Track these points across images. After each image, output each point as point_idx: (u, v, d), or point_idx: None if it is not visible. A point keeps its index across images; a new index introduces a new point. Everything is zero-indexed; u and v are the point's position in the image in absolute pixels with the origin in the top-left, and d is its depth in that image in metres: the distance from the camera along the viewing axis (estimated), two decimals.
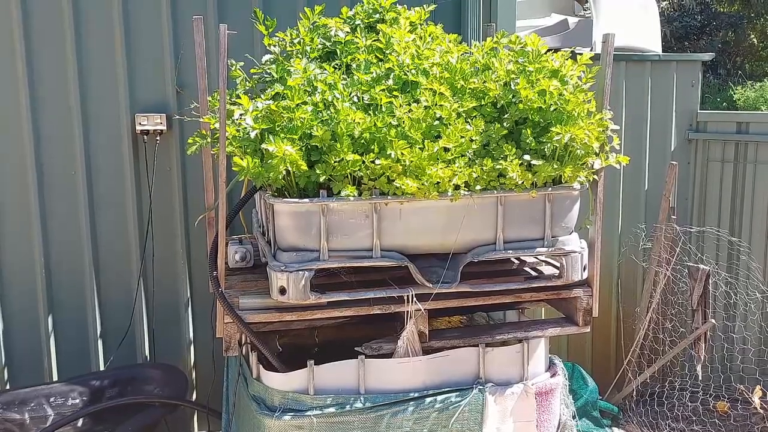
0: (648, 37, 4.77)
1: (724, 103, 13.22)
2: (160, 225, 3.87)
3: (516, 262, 3.00)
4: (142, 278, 3.87)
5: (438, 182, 2.43)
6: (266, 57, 3.00)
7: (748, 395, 3.86)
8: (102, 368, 3.87)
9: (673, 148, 4.64)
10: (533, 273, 2.89)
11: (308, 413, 2.53)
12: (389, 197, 2.46)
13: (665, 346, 4.36)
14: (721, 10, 17.89)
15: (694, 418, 4.33)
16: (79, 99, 3.70)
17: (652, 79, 4.54)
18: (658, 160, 4.61)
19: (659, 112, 4.59)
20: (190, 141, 2.80)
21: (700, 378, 4.08)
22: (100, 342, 3.88)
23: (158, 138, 3.79)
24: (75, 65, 3.67)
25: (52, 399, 3.32)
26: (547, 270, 2.89)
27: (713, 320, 4.01)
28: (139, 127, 3.75)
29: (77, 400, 3.34)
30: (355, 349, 2.65)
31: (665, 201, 4.30)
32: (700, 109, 4.64)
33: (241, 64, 2.99)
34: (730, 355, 4.51)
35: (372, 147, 2.46)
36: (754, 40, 18.21)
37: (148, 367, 3.77)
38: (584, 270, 2.72)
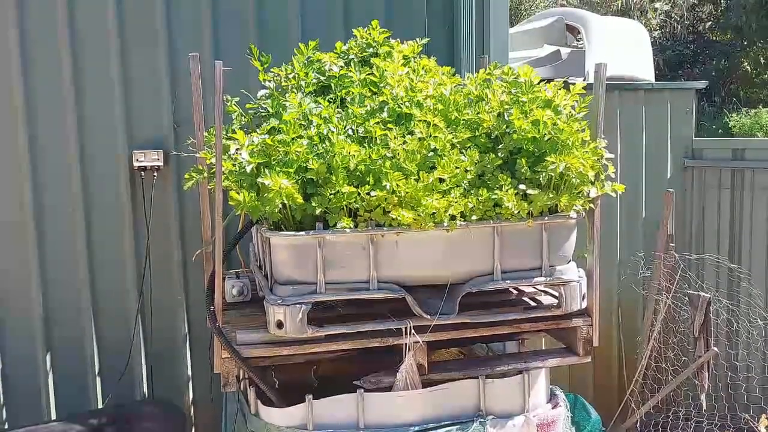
0: (640, 66, 4.82)
1: (720, 130, 13.30)
2: (158, 260, 3.86)
3: (514, 292, 2.98)
4: (140, 315, 3.85)
5: (434, 213, 2.43)
6: (261, 92, 3.03)
7: (754, 424, 3.81)
8: (100, 405, 3.84)
9: (669, 176, 4.65)
10: (532, 303, 2.87)
11: None
12: (385, 228, 2.46)
13: (668, 375, 4.32)
14: (714, 38, 18.11)
15: None
16: (76, 136, 3.72)
17: (646, 107, 4.57)
18: (654, 188, 4.63)
19: (654, 140, 4.62)
20: (186, 176, 2.81)
21: (704, 407, 4.04)
22: (98, 379, 3.85)
23: (155, 174, 3.80)
24: (73, 101, 3.70)
25: None
26: (546, 300, 2.87)
27: (715, 348, 3.98)
28: (136, 164, 3.77)
29: None
30: (354, 383, 2.62)
31: (663, 229, 4.30)
32: (695, 137, 4.67)
33: (237, 99, 3.01)
34: (734, 384, 4.47)
35: (367, 179, 2.46)
36: (748, 67, 18.38)
37: (146, 404, 3.74)
38: (583, 299, 2.70)
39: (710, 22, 17.96)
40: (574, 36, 5.58)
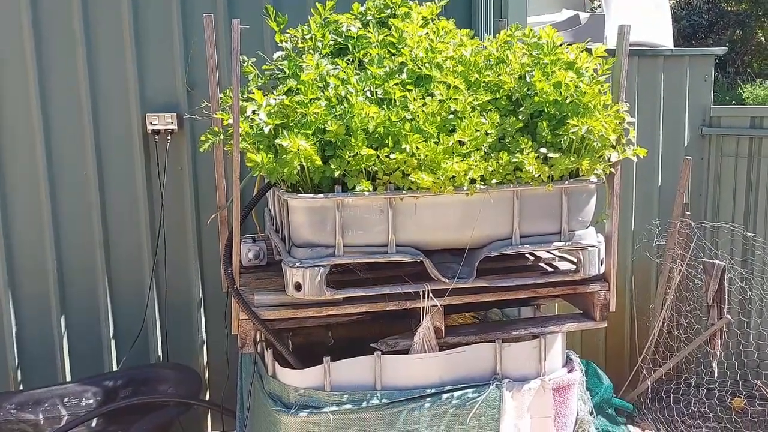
0: (660, 32, 4.74)
1: (733, 101, 13.17)
2: (172, 225, 3.87)
3: (531, 258, 2.97)
4: (155, 279, 3.86)
5: (453, 176, 2.41)
6: (278, 54, 2.99)
7: (766, 391, 3.82)
8: (115, 369, 3.87)
9: (686, 144, 4.60)
10: (549, 269, 2.86)
11: (324, 410, 2.51)
12: (404, 192, 2.44)
13: (680, 342, 4.32)
14: (729, 8, 17.82)
15: (710, 414, 4.29)
16: (89, 100, 3.70)
17: (665, 73, 4.51)
18: (671, 156, 4.58)
19: (672, 108, 4.56)
20: (202, 138, 2.79)
21: (715, 374, 4.05)
22: (113, 343, 3.88)
23: (169, 137, 3.79)
24: (85, 66, 3.67)
25: (66, 399, 3.31)
26: (563, 266, 2.86)
27: (729, 316, 3.97)
28: (150, 127, 3.75)
29: (91, 401, 3.33)
30: (371, 345, 2.63)
31: (679, 197, 4.27)
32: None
33: (253, 60, 2.98)
34: (746, 351, 4.47)
35: (386, 141, 2.44)
36: (762, 38, 18.13)
37: (161, 367, 3.77)
38: (601, 264, 2.69)
39: None
40: (591, 0, 5.49)
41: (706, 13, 17.77)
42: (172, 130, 3.77)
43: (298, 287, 2.45)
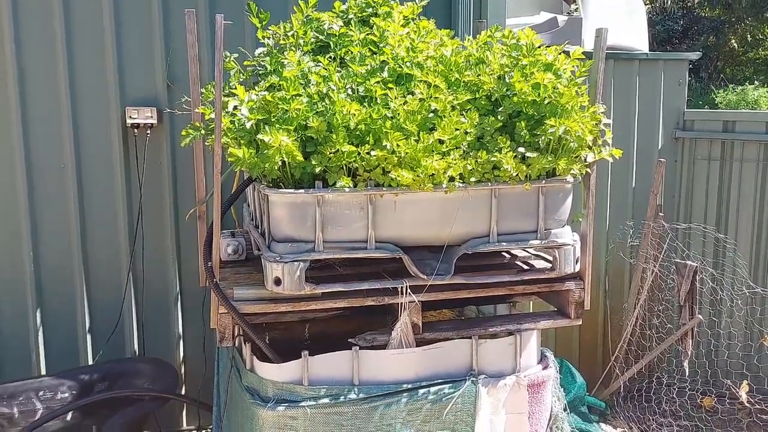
0: (635, 36, 4.82)
1: (707, 106, 13.38)
2: (150, 219, 3.85)
3: (507, 256, 3.02)
4: (132, 273, 3.84)
5: (433, 174, 2.45)
6: (259, 50, 3.00)
7: (735, 390, 3.90)
8: (91, 363, 3.84)
9: (660, 147, 4.69)
10: (525, 267, 2.91)
11: (302, 404, 2.54)
12: (384, 189, 2.47)
13: (652, 342, 4.40)
14: (703, 14, 18.10)
15: (681, 413, 4.37)
16: (68, 92, 3.67)
17: (640, 77, 4.59)
18: (645, 158, 4.66)
19: (647, 111, 4.64)
20: (183, 133, 2.79)
21: (687, 373, 4.13)
22: (89, 336, 3.86)
23: (149, 132, 3.77)
24: (64, 58, 3.64)
25: (41, 393, 3.28)
26: (539, 264, 2.91)
27: (700, 316, 4.05)
28: (129, 121, 3.73)
29: (66, 394, 3.31)
30: (349, 340, 2.65)
31: (653, 198, 4.35)
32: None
33: (235, 55, 2.98)
34: (717, 351, 4.56)
35: (367, 138, 2.47)
36: (735, 44, 18.45)
37: (137, 362, 3.76)
38: (576, 263, 2.74)
39: None
40: (569, 4, 5.56)
41: (680, 19, 18.04)
42: (152, 124, 3.76)
43: (277, 282, 2.47)
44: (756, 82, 14.32)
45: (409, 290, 2.57)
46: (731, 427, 4.30)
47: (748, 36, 18.05)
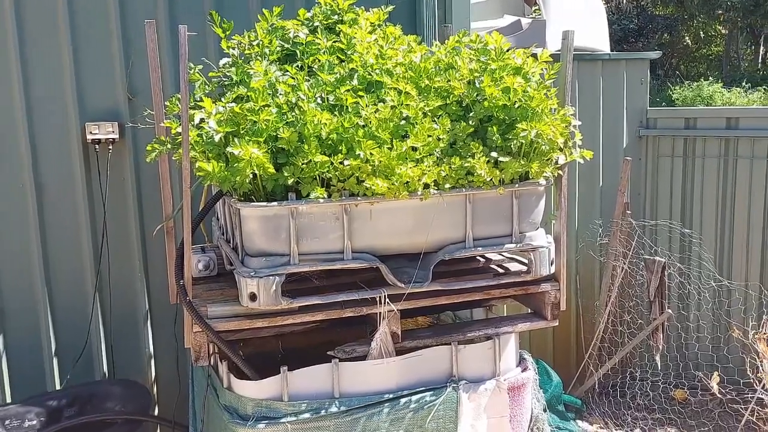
0: (597, 37, 4.88)
1: (663, 103, 13.66)
2: (115, 237, 3.75)
3: (482, 260, 3.01)
4: (98, 292, 3.74)
5: (407, 181, 2.43)
6: (224, 60, 2.94)
7: (707, 382, 3.96)
8: (58, 387, 3.73)
9: (625, 145, 4.75)
10: (500, 270, 2.91)
11: (283, 420, 2.49)
12: (359, 198, 2.44)
13: (624, 338, 4.45)
14: (657, 12, 18.49)
15: (655, 406, 4.43)
16: (24, 109, 3.55)
17: (604, 77, 4.64)
18: (611, 157, 4.72)
19: (611, 110, 4.70)
20: (149, 148, 2.72)
21: (659, 367, 4.18)
22: (55, 360, 3.74)
23: (110, 147, 3.68)
24: (18, 72, 3.53)
25: (7, 422, 3.17)
26: (513, 267, 2.91)
27: (670, 311, 4.11)
28: (89, 136, 3.63)
29: (34, 422, 3.20)
30: (328, 352, 2.62)
31: (620, 196, 4.40)
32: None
33: (200, 67, 2.92)
34: (687, 344, 4.63)
35: (340, 148, 2.43)
36: (689, 41, 18.89)
37: (107, 384, 3.65)
38: (551, 264, 2.75)
39: None
40: (530, 6, 5.60)
41: (635, 18, 18.41)
42: (114, 139, 3.67)
43: (253, 297, 2.42)
44: (710, 77, 14.67)
45: (387, 299, 2.54)
46: (704, 417, 4.37)
47: (701, 33, 18.50)
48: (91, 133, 3.64)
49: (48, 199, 3.66)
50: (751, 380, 3.93)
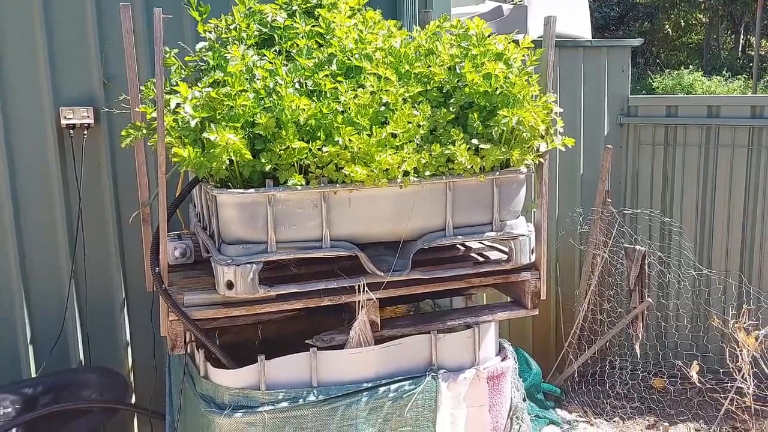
0: (579, 24, 4.86)
1: (644, 91, 13.72)
2: (91, 224, 3.69)
3: (462, 248, 3.00)
4: (74, 280, 3.68)
5: (387, 169, 2.40)
6: (201, 44, 2.88)
7: (687, 371, 3.99)
8: (34, 375, 3.67)
9: (606, 133, 4.74)
10: (480, 258, 2.89)
11: (260, 409, 2.46)
12: (338, 185, 2.41)
13: (604, 326, 4.46)
14: (638, 1, 18.54)
15: (634, 395, 4.45)
16: None
17: (585, 65, 4.63)
18: (592, 145, 4.71)
19: (592, 98, 4.69)
20: (123, 133, 2.67)
21: (638, 356, 4.20)
22: (30, 348, 3.67)
23: (85, 132, 3.60)
24: None
25: None
26: (493, 255, 2.90)
27: (649, 299, 4.12)
28: (64, 122, 3.55)
29: (9, 409, 3.15)
30: (306, 341, 2.59)
31: (601, 184, 4.40)
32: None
33: (176, 51, 2.87)
34: (666, 332, 4.66)
35: (318, 134, 2.40)
36: (669, 30, 18.97)
37: (83, 372, 3.60)
38: (532, 253, 2.73)
39: None
40: None
41: (616, 6, 18.44)
42: (89, 124, 3.59)
43: (230, 285, 2.39)
44: (690, 66, 14.75)
45: (366, 288, 2.51)
46: (683, 406, 4.40)
47: (682, 21, 18.57)
48: (65, 118, 3.56)
49: (22, 186, 3.58)
50: (731, 369, 3.96)
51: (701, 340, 4.61)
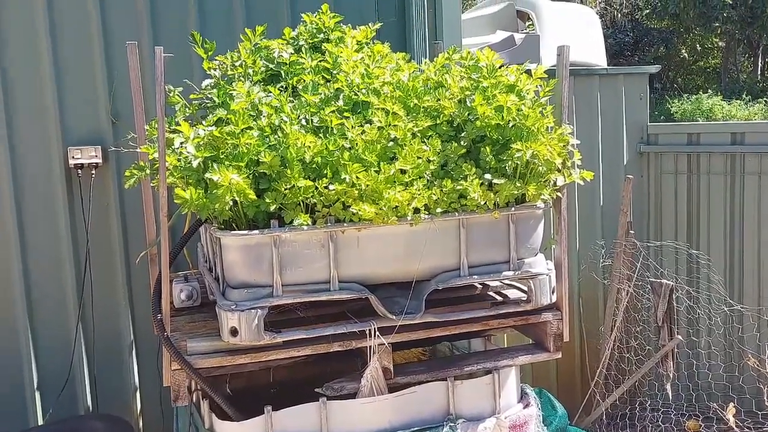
0: (593, 51, 4.77)
1: (662, 117, 13.56)
2: (99, 265, 3.62)
3: (479, 286, 2.86)
4: (81, 323, 3.60)
5: (396, 206, 2.29)
6: (206, 82, 2.82)
7: (722, 413, 3.78)
8: (40, 423, 3.57)
9: (625, 162, 4.61)
10: (498, 298, 2.76)
11: None
12: (345, 224, 2.30)
13: (632, 365, 4.27)
14: (652, 26, 18.46)
15: None
16: (5, 132, 3.45)
17: (601, 93, 4.52)
18: (611, 175, 4.58)
19: (610, 126, 4.57)
20: (127, 174, 2.60)
21: (669, 397, 4.00)
22: (37, 394, 3.59)
23: (93, 172, 3.56)
24: (1, 95, 3.42)
25: None
26: (513, 293, 2.76)
27: (679, 336, 3.94)
28: (72, 161, 3.52)
29: None
30: (316, 390, 2.46)
31: (623, 216, 4.25)
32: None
33: (180, 89, 2.80)
34: (698, 372, 4.45)
35: (325, 172, 2.30)
36: (685, 54, 18.83)
37: (91, 419, 3.51)
38: (552, 293, 2.59)
39: (648, 10, 18.30)
40: (524, 22, 5.50)
41: (630, 31, 18.38)
42: (97, 163, 3.55)
43: (234, 332, 2.28)
44: (709, 90, 14.57)
45: (377, 332, 2.39)
46: None
47: (698, 45, 18.43)
48: (73, 157, 3.53)
49: (29, 227, 3.53)
50: None
51: (736, 380, 4.39)
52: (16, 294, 3.52)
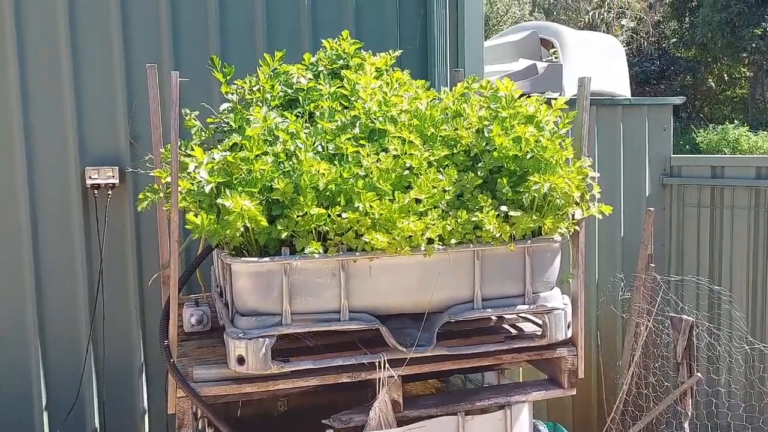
0: (617, 81, 4.72)
1: (687, 146, 13.42)
2: (112, 285, 3.61)
3: (494, 318, 2.80)
4: (92, 343, 3.58)
5: (410, 236, 2.25)
6: (224, 106, 2.82)
7: None
8: None
9: (648, 194, 4.53)
10: (513, 331, 2.69)
11: None
12: (358, 253, 2.26)
13: (650, 401, 4.17)
14: (679, 55, 18.36)
15: None
16: (24, 150, 3.47)
17: (624, 123, 4.46)
18: (632, 207, 4.51)
19: (632, 157, 4.50)
20: (141, 196, 2.59)
21: None
22: (45, 414, 3.57)
23: (110, 192, 3.56)
24: (19, 114, 3.45)
25: None
26: (527, 327, 2.70)
27: (699, 374, 3.83)
28: (89, 181, 3.53)
29: None
30: (323, 422, 2.41)
31: (644, 249, 4.17)
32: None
33: (197, 113, 2.80)
34: (718, 411, 4.33)
35: (338, 200, 2.27)
36: (712, 84, 18.69)
37: None
38: (568, 328, 2.53)
39: (675, 39, 18.24)
40: (548, 50, 5.47)
41: (656, 60, 18.29)
42: (114, 184, 3.55)
43: (241, 361, 2.24)
44: (735, 120, 14.42)
45: (387, 364, 2.34)
46: None
47: (725, 75, 18.29)
48: (90, 177, 3.54)
49: (44, 246, 3.54)
50: None
51: (756, 420, 4.26)
52: (28, 314, 3.52)
